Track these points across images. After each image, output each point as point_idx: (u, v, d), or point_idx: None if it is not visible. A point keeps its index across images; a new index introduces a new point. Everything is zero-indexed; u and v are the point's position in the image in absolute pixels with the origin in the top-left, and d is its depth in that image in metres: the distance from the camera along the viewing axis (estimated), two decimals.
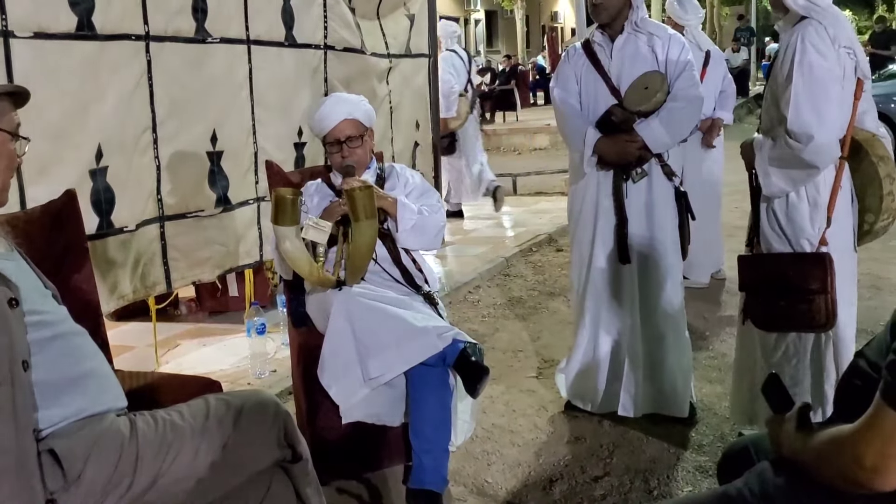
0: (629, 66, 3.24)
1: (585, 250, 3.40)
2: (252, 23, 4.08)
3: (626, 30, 3.26)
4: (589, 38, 3.41)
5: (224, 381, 2.60)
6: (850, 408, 1.45)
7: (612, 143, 3.21)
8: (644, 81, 3.21)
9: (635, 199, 3.27)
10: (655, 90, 3.17)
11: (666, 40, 3.27)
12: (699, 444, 3.25)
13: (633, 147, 3.19)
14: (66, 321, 1.92)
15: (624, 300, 3.35)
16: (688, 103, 3.22)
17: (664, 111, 3.18)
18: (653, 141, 3.18)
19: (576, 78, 3.37)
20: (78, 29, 3.11)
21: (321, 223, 2.76)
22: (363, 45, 5.03)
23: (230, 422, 1.90)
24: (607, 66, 3.28)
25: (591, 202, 3.35)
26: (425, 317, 2.74)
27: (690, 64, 3.25)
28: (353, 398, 2.70)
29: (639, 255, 3.30)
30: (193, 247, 3.79)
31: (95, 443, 1.72)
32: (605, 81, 3.27)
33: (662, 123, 3.17)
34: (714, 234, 5.53)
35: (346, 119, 3.00)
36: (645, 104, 3.17)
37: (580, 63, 3.36)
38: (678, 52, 3.25)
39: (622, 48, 3.27)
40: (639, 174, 3.24)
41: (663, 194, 3.29)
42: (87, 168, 3.19)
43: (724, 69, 5.53)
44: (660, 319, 3.34)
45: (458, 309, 5.17)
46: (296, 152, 4.50)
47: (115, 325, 4.57)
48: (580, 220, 3.42)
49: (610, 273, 3.36)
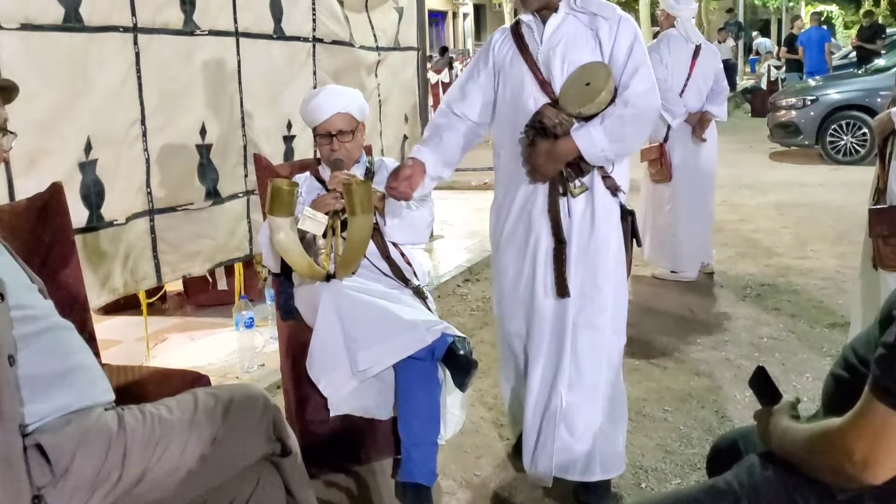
0: (563, 54, 2.58)
1: (509, 281, 2.77)
2: (240, 15, 4.07)
3: (562, 8, 2.61)
4: (519, 17, 2.75)
5: (212, 376, 2.59)
6: (838, 401, 1.46)
7: (544, 150, 2.55)
8: (584, 76, 2.54)
9: (574, 218, 2.62)
10: (600, 87, 2.50)
11: (614, 22, 2.57)
12: (688, 438, 3.26)
13: (570, 155, 2.55)
14: (53, 315, 1.90)
15: (555, 342, 2.69)
16: (642, 112, 2.53)
17: (612, 118, 2.50)
18: (591, 153, 2.52)
19: (494, 71, 2.73)
20: (65, 21, 3.09)
21: (318, 215, 2.75)
22: (352, 38, 5.02)
23: (219, 416, 1.89)
24: (535, 54, 2.62)
25: (521, 221, 2.70)
26: (414, 310, 2.73)
27: (646, 57, 2.58)
28: (342, 391, 2.70)
29: (577, 286, 2.64)
30: (183, 240, 3.79)
31: (83, 437, 1.71)
32: (533, 73, 2.61)
33: (607, 133, 2.49)
34: (704, 227, 5.55)
35: (339, 113, 2.99)
36: (587, 105, 2.50)
37: (505, 50, 2.71)
38: (630, 39, 2.56)
39: (556, 31, 2.60)
40: (578, 187, 2.60)
41: (606, 213, 2.63)
42: (76, 161, 3.18)
43: (716, 64, 5.51)
44: (594, 366, 2.68)
45: (447, 302, 5.17)
46: (285, 145, 4.49)
47: (103, 319, 4.56)
48: (505, 244, 2.77)
49: (542, 309, 2.68)
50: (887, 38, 14.24)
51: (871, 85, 10.75)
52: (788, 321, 4.64)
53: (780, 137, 11.43)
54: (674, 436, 3.29)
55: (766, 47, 21.15)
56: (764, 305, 4.96)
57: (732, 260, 6.06)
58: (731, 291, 5.30)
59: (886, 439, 1.29)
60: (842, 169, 10.27)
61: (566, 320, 2.64)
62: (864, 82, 11.07)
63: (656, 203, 5.61)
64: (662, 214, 5.54)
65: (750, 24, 29.95)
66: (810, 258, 6.03)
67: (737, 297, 5.16)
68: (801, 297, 5.10)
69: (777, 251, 6.29)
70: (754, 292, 5.24)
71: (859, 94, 10.75)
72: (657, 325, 4.67)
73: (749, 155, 11.61)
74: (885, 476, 1.31)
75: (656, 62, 5.36)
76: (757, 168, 10.60)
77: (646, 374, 3.95)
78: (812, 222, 7.27)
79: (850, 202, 7.96)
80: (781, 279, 5.50)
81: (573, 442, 2.68)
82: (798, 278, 5.51)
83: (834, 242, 6.45)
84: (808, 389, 3.62)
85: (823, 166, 10.60)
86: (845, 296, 5.01)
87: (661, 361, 4.10)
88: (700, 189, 5.47)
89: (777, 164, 11.07)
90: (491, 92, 2.76)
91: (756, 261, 6.03)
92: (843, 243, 6.35)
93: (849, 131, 10.69)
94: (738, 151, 11.59)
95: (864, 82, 11.07)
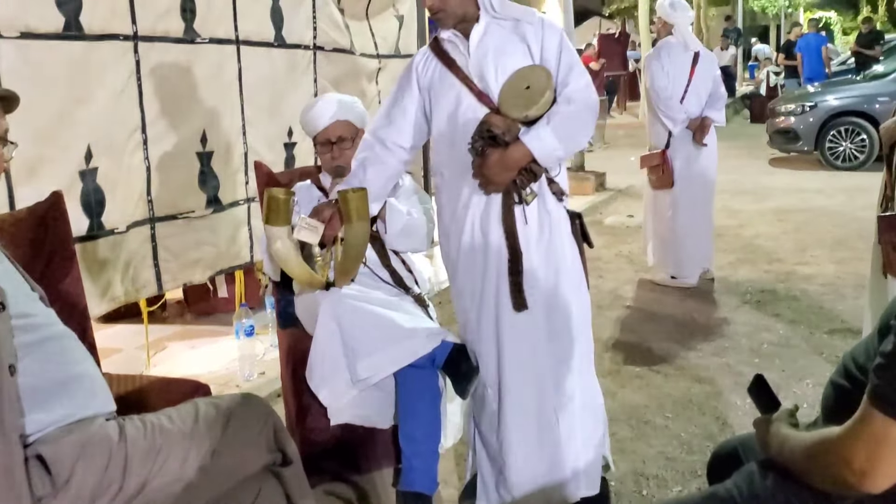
0: (495, 62, 2.53)
1: (473, 303, 2.66)
2: (241, 23, 4.07)
3: (483, 18, 2.56)
4: (437, 35, 2.70)
5: (212, 384, 2.59)
6: (838, 410, 1.46)
7: (496, 159, 2.47)
8: (523, 79, 2.51)
9: (532, 225, 2.56)
10: (542, 88, 2.47)
11: (538, 26, 2.57)
12: (689, 445, 3.26)
13: (523, 160, 2.49)
14: (54, 324, 1.90)
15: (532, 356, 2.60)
16: (585, 107, 2.53)
17: (556, 116, 2.47)
18: (543, 153, 2.48)
19: (420, 94, 2.67)
20: (65, 29, 3.10)
21: (314, 223, 2.74)
22: (352, 46, 5.03)
23: (219, 426, 1.89)
24: (466, 67, 2.57)
25: (476, 238, 2.61)
26: (414, 318, 2.73)
27: (575, 55, 2.59)
28: (342, 400, 2.69)
29: (539, 298, 2.57)
30: (184, 248, 3.79)
31: (84, 447, 1.71)
32: (468, 86, 2.55)
33: (556, 132, 2.47)
34: (705, 233, 5.57)
35: (339, 120, 3.01)
36: (532, 108, 2.46)
37: (431, 69, 2.65)
38: (558, 40, 2.56)
39: (481, 41, 2.56)
40: (530, 194, 2.54)
41: (557, 218, 2.60)
42: (76, 169, 3.18)
43: (714, 70, 5.55)
44: (569, 376, 2.64)
45: (447, 310, 5.15)
46: (286, 152, 4.50)
47: (103, 328, 4.55)
48: (463, 265, 2.66)
49: (513, 324, 2.58)
50: (885, 44, 14.28)
51: (870, 91, 10.78)
52: (788, 327, 4.64)
53: (779, 143, 11.45)
54: (675, 443, 3.29)
55: (764, 53, 21.19)
56: (764, 311, 4.96)
57: (732, 266, 6.06)
58: (731, 297, 5.31)
59: (885, 448, 1.29)
60: (841, 175, 10.28)
61: (537, 332, 2.58)
62: (862, 88, 11.09)
63: (658, 210, 5.63)
64: (664, 221, 5.55)
65: (749, 30, 29.98)
66: (810, 264, 6.03)
67: (737, 303, 5.17)
68: (801, 303, 5.10)
69: (777, 257, 6.29)
70: (754, 298, 5.25)
71: (858, 101, 10.76)
72: (658, 332, 4.67)
73: (748, 161, 11.63)
74: (884, 485, 1.31)
75: (657, 70, 5.39)
76: (756, 174, 10.61)
77: (647, 380, 3.95)
78: (811, 228, 7.27)
79: (849, 208, 7.97)
80: (781, 285, 5.50)
81: (556, 451, 2.63)
82: (798, 284, 5.51)
83: (833, 248, 6.45)
84: (808, 396, 3.62)
85: (822, 172, 10.61)
86: (845, 302, 5.01)
87: (661, 368, 4.10)
88: (701, 195, 5.48)
89: (776, 170, 11.08)
90: (420, 115, 2.70)
91: (756, 266, 6.03)
92: (843, 249, 6.36)
93: (848, 137, 10.70)
94: (738, 157, 11.61)
95: (862, 88, 11.09)
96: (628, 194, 9.46)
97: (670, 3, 5.42)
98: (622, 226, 7.76)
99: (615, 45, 20.89)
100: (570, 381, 2.64)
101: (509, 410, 2.61)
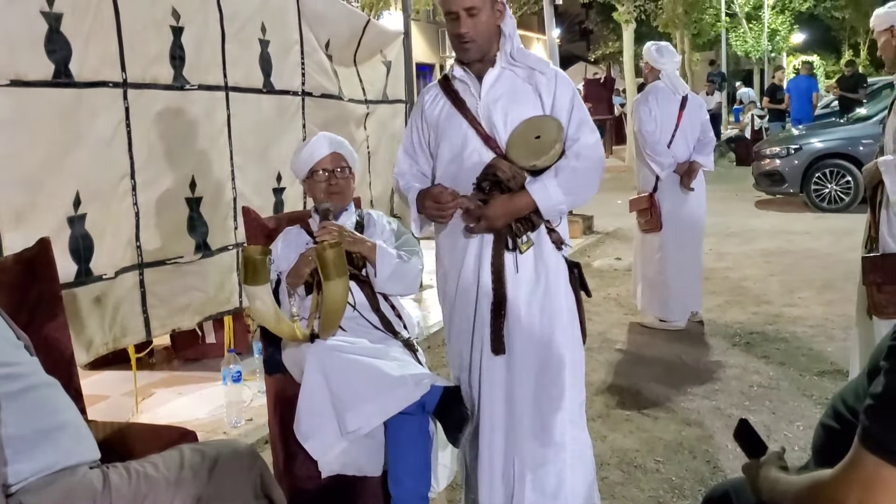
0: (505, 108, 2.57)
1: (465, 343, 2.69)
2: (230, 70, 4.11)
3: (499, 63, 2.60)
4: (448, 73, 2.74)
5: (200, 431, 2.57)
6: (829, 452, 1.45)
7: (500, 204, 2.52)
8: (533, 129, 2.53)
9: (523, 274, 2.58)
10: (552, 140, 2.50)
11: (552, 77, 2.61)
12: (680, 489, 3.23)
13: (526, 209, 2.53)
14: (38, 373, 1.89)
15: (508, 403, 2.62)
16: (593, 164, 2.55)
17: (565, 171, 2.51)
18: (547, 206, 2.52)
19: (428, 128, 2.72)
20: (55, 76, 3.11)
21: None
22: (341, 92, 5.08)
23: (205, 473, 1.87)
24: (475, 109, 2.60)
25: (471, 279, 2.63)
26: (402, 364, 2.70)
27: (588, 114, 2.63)
28: (331, 452, 2.66)
29: (530, 345, 2.59)
30: (173, 294, 3.77)
31: (66, 497, 1.68)
32: (475, 128, 2.58)
33: (562, 186, 2.50)
34: (693, 275, 5.59)
35: (335, 152, 3.10)
36: (542, 158, 2.50)
37: (439, 108, 2.68)
38: (570, 93, 2.60)
39: (493, 85, 2.59)
40: (525, 242, 2.56)
41: (555, 268, 2.62)
42: (65, 215, 3.18)
43: (703, 115, 5.60)
44: (560, 426, 2.63)
45: (437, 353, 5.14)
46: (274, 197, 4.51)
47: (90, 374, 4.51)
48: (458, 303, 2.70)
49: (492, 368, 2.61)
50: (868, 87, 14.48)
51: (854, 133, 10.90)
52: (778, 369, 4.64)
53: (765, 186, 11.54)
54: (666, 486, 3.26)
55: (749, 97, 21.46)
56: (753, 353, 4.96)
57: (721, 308, 6.07)
58: (720, 339, 5.31)
59: (877, 490, 1.29)
60: (827, 216, 10.36)
61: (518, 379, 2.59)
62: (846, 131, 11.22)
63: (646, 253, 5.65)
64: (652, 263, 5.57)
65: (733, 74, 30.42)
66: (798, 306, 6.05)
67: (726, 346, 5.16)
68: (791, 344, 5.10)
69: (765, 299, 6.31)
70: (743, 340, 5.25)
71: (842, 143, 10.88)
72: (647, 375, 4.65)
73: (735, 203, 11.71)
74: None
75: (645, 115, 5.45)
76: (743, 216, 10.68)
77: (637, 424, 3.93)
78: (799, 270, 7.31)
79: (835, 249, 8.01)
80: (770, 327, 5.51)
81: (545, 501, 2.62)
82: (787, 326, 5.52)
83: (821, 290, 6.48)
84: (798, 438, 3.60)
85: (808, 214, 10.69)
86: (834, 343, 5.02)
87: (651, 411, 4.09)
88: (689, 238, 5.51)
89: (763, 212, 11.16)
90: (427, 149, 2.75)
91: (744, 308, 6.05)
92: (830, 291, 6.38)
93: (833, 179, 10.80)
94: (725, 200, 11.69)
95: (846, 131, 11.22)
96: (616, 237, 9.50)
97: (657, 49, 5.50)
98: (610, 269, 7.79)
99: (601, 89, 21.12)
100: (562, 430, 2.63)
101: (481, 452, 2.66)
